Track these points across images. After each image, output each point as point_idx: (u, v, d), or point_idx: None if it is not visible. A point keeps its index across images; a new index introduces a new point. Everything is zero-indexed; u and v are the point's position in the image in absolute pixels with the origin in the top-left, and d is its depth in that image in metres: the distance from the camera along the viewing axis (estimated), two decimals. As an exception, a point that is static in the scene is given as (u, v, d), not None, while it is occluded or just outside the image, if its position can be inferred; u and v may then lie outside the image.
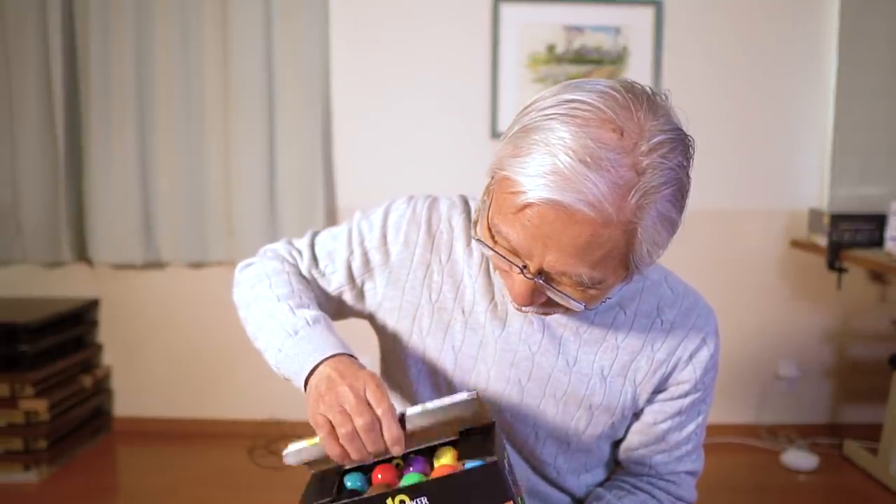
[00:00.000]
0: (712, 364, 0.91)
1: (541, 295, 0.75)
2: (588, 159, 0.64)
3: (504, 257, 0.73)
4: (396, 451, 0.70)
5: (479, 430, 0.74)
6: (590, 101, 0.67)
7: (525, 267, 0.72)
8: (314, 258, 0.96)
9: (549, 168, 0.66)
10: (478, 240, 0.77)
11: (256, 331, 0.91)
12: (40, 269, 2.90)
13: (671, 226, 0.72)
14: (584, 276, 0.71)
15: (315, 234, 1.00)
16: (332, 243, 0.96)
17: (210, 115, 2.73)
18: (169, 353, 2.92)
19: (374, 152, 2.81)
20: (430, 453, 0.76)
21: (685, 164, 0.71)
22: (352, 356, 0.81)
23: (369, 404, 0.72)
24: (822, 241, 2.64)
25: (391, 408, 0.72)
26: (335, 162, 2.83)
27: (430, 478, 0.70)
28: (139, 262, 2.79)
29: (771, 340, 2.91)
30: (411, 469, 0.73)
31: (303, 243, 0.99)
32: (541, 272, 0.72)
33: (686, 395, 0.91)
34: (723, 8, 2.76)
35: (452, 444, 0.76)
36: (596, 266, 0.70)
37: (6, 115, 2.75)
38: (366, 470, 0.76)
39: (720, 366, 0.96)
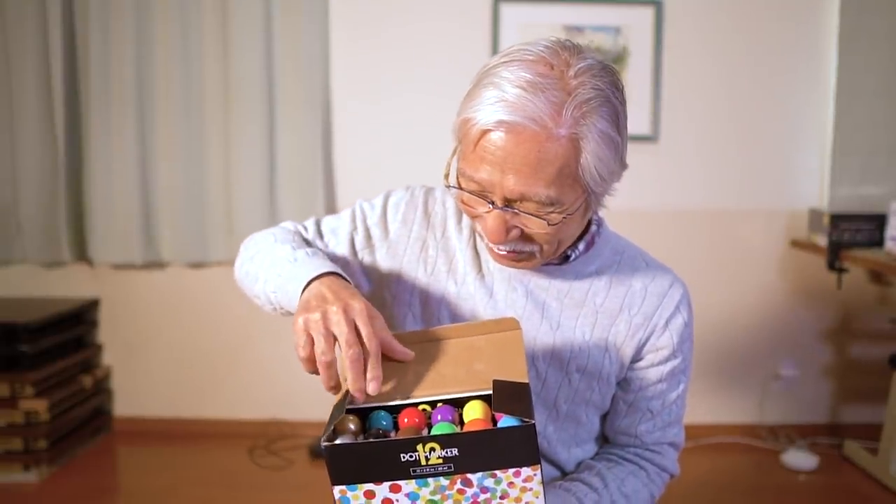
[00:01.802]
0: (688, 333, 0.98)
1: (512, 228, 0.83)
2: (526, 86, 0.77)
3: (473, 195, 0.83)
4: (372, 388, 0.72)
5: (512, 385, 0.73)
6: (526, 48, 0.81)
7: (493, 203, 0.82)
8: (319, 233, 1.03)
9: (496, 98, 0.78)
10: (448, 186, 0.86)
11: (258, 270, 0.94)
12: (40, 269, 2.90)
13: (614, 145, 0.81)
14: (542, 195, 0.79)
15: (319, 219, 1.07)
16: (335, 222, 1.04)
17: (210, 114, 2.73)
18: (169, 353, 2.92)
19: (375, 151, 2.81)
20: (456, 403, 0.75)
21: (614, 89, 0.81)
22: (347, 280, 0.84)
23: (359, 336, 0.74)
24: (822, 241, 2.64)
25: (378, 348, 0.74)
26: (335, 160, 2.83)
27: (464, 431, 0.70)
28: (139, 262, 2.79)
29: (771, 340, 2.91)
30: (439, 417, 0.73)
31: (309, 222, 1.06)
32: (506, 203, 0.81)
33: (666, 361, 0.97)
34: (723, 8, 2.76)
35: (483, 398, 0.75)
36: (551, 184, 0.79)
37: (6, 115, 2.75)
38: (392, 410, 0.76)
39: (723, 367, 0.99)
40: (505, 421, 0.69)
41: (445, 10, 2.74)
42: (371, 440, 0.69)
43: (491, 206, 0.82)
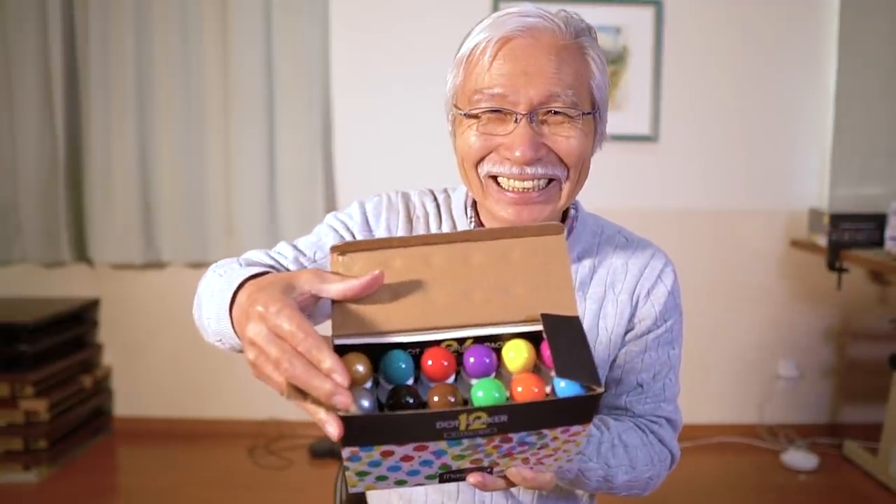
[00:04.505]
0: (673, 303, 0.94)
1: (541, 146, 0.81)
2: (532, 8, 0.83)
3: (495, 114, 0.81)
4: (338, 378, 0.54)
5: (563, 323, 0.62)
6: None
7: (517, 117, 0.80)
8: (300, 252, 0.92)
9: (511, 14, 0.82)
10: (465, 114, 0.83)
11: (206, 317, 0.80)
12: (40, 269, 2.89)
13: (606, 78, 0.86)
14: (568, 93, 0.80)
15: (291, 242, 0.95)
16: (314, 237, 0.94)
17: (210, 114, 2.73)
18: (169, 353, 2.92)
19: (375, 152, 2.81)
20: (490, 338, 0.64)
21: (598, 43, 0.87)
22: (262, 273, 0.71)
23: (286, 334, 0.56)
24: (822, 241, 2.64)
25: (315, 337, 0.55)
26: (335, 162, 2.83)
27: (517, 402, 0.59)
28: (139, 262, 2.79)
29: (771, 340, 2.91)
30: (472, 360, 0.62)
31: (281, 245, 0.94)
32: (532, 110, 0.80)
33: (648, 331, 0.93)
34: (723, 8, 2.76)
35: (525, 335, 0.64)
36: (571, 86, 0.80)
37: (6, 115, 2.75)
38: (408, 345, 0.62)
39: (723, 367, 0.96)
40: (568, 387, 0.59)
41: (445, 9, 2.74)
42: (403, 413, 0.55)
43: (515, 121, 0.80)
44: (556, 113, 0.81)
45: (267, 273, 0.71)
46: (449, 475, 0.63)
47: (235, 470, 2.61)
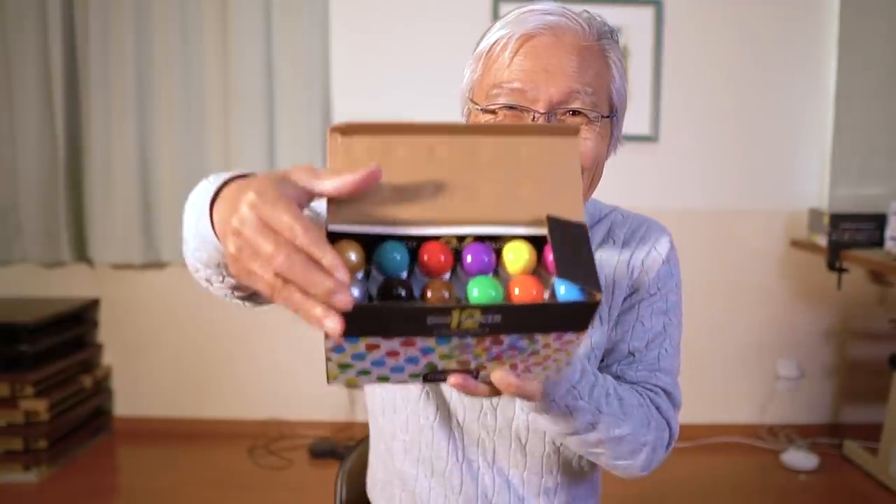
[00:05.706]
0: (667, 271, 0.93)
1: None
2: (555, 7, 0.82)
3: (514, 107, 0.80)
4: (340, 275, 0.48)
5: (569, 229, 0.60)
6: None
7: (535, 115, 0.80)
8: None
9: (534, 11, 0.81)
10: (482, 109, 0.82)
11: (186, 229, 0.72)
12: (40, 269, 2.90)
13: (626, 81, 0.86)
14: (588, 93, 0.80)
15: None
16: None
17: (210, 114, 2.73)
18: (169, 353, 2.92)
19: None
20: (490, 240, 0.60)
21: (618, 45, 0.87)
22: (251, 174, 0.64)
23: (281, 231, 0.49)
24: (822, 241, 2.64)
25: (315, 231, 0.49)
26: (335, 162, 2.83)
27: (514, 303, 0.57)
28: (139, 262, 2.79)
29: (771, 340, 2.91)
30: (469, 259, 0.59)
31: None
32: (550, 108, 0.79)
33: (641, 300, 0.92)
34: (723, 8, 2.77)
35: (528, 238, 0.61)
36: (591, 85, 0.80)
37: (6, 116, 2.75)
38: (405, 239, 0.58)
39: (723, 368, 0.93)
40: (568, 292, 0.57)
41: (445, 9, 2.74)
42: (393, 305, 0.53)
43: (533, 119, 0.80)
44: (574, 113, 0.81)
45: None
46: (434, 375, 0.61)
47: (235, 470, 2.61)
